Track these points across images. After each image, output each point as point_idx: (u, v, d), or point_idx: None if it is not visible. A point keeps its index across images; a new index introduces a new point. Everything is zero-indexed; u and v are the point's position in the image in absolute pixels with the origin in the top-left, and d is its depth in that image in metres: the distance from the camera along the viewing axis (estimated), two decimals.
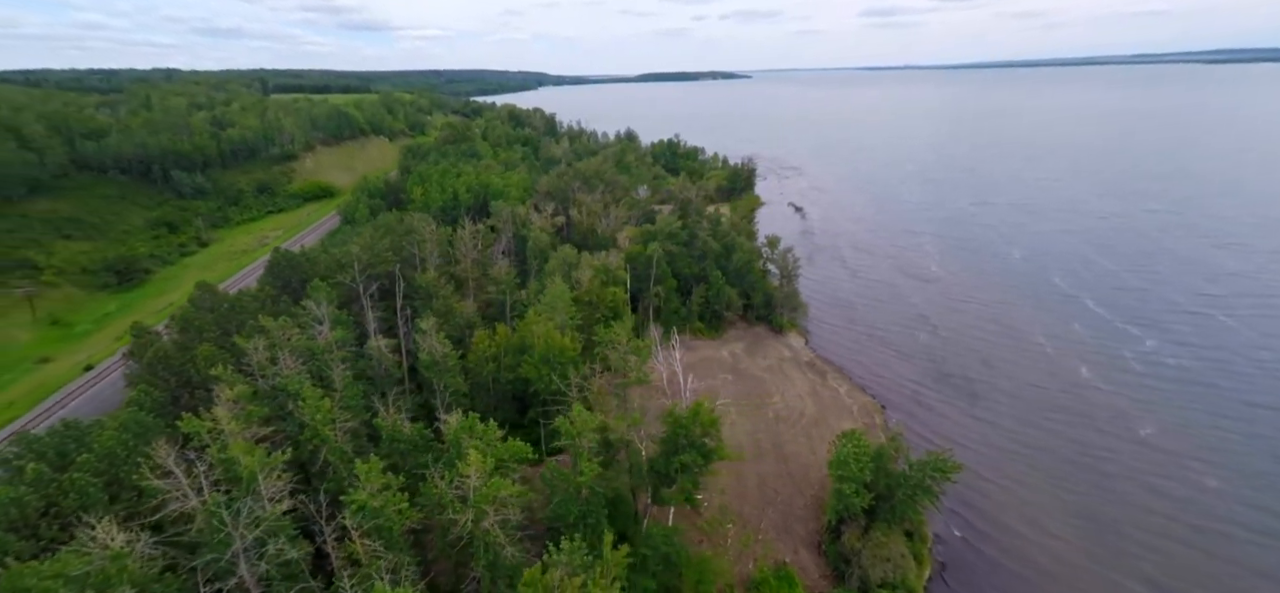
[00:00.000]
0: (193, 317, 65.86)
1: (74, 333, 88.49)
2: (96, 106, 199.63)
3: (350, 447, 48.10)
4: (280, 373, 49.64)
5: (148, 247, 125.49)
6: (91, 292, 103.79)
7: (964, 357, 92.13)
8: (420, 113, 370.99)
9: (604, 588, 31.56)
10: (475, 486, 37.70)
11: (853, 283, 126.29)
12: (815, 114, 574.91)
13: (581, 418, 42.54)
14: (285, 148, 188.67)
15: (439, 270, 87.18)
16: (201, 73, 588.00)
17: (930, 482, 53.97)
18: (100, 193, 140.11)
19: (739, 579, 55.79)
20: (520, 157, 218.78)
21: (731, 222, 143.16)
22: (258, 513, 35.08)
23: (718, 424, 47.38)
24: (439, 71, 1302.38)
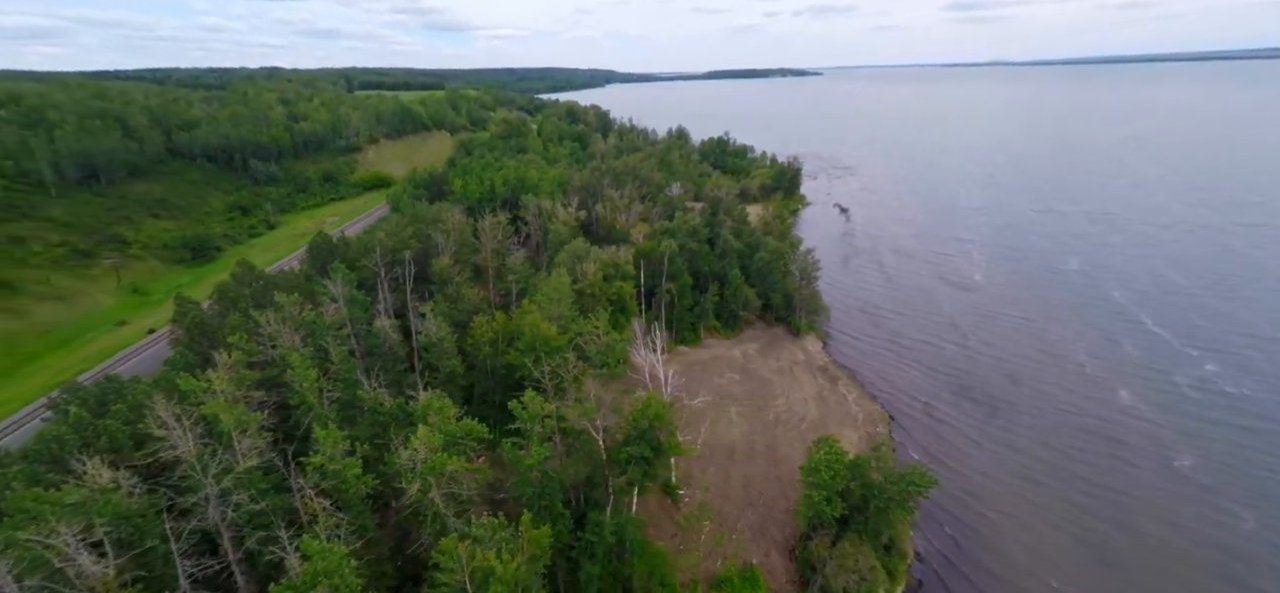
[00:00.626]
0: (231, 290, 73.18)
1: (149, 301, 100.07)
2: (203, 101, 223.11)
3: (337, 416, 52.26)
4: (281, 344, 54.59)
5: (222, 227, 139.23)
6: (169, 265, 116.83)
7: (989, 370, 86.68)
8: (483, 108, 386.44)
9: (513, 563, 33.06)
10: (422, 459, 40.24)
11: (885, 288, 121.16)
12: (884, 113, 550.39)
13: (533, 403, 44.24)
14: (350, 140, 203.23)
15: (459, 259, 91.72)
16: (301, 70, 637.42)
17: (905, 495, 51.86)
18: (188, 178, 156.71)
19: (704, 576, 55.97)
20: (568, 152, 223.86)
21: (764, 221, 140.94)
22: (230, 464, 39.17)
23: (665, 417, 47.63)
24: (512, 69, 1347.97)
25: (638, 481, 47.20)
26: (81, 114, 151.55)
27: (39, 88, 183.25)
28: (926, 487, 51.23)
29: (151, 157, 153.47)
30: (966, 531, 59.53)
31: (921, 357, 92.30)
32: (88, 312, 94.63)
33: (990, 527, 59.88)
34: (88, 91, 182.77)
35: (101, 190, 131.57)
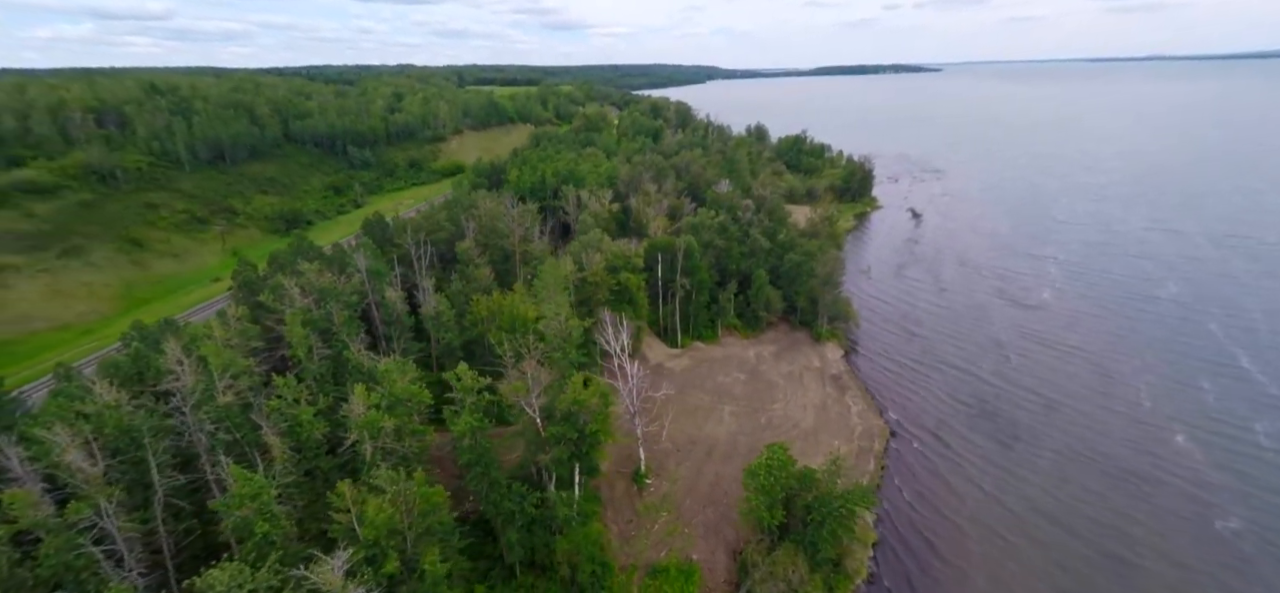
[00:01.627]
0: (283, 256, 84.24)
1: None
2: (334, 94, 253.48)
3: (328, 371, 59.27)
4: (295, 305, 62.67)
5: (316, 204, 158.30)
6: (267, 234, 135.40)
7: (1024, 396, 78.35)
8: (572, 103, 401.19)
9: (388, 511, 36.54)
10: (358, 415, 45.11)
11: (933, 300, 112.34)
12: (1000, 113, 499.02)
13: (466, 376, 47.67)
14: (436, 131, 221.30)
15: (483, 242, 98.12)
16: (424, 67, 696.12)
17: (844, 513, 49.40)
18: (298, 160, 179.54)
19: (646, 564, 56.84)
20: (639, 146, 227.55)
21: (812, 223, 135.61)
22: (212, 395, 46.48)
23: (589, 404, 48.89)
24: (618, 66, 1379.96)
25: (563, 461, 49.15)
26: (219, 104, 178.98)
27: (192, 81, 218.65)
28: (866, 506, 48.43)
29: (270, 141, 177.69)
30: (937, 562, 55.22)
31: (949, 376, 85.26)
32: (195, 268, 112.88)
33: (967, 562, 55.05)
34: (229, 85, 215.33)
35: (225, 169, 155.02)
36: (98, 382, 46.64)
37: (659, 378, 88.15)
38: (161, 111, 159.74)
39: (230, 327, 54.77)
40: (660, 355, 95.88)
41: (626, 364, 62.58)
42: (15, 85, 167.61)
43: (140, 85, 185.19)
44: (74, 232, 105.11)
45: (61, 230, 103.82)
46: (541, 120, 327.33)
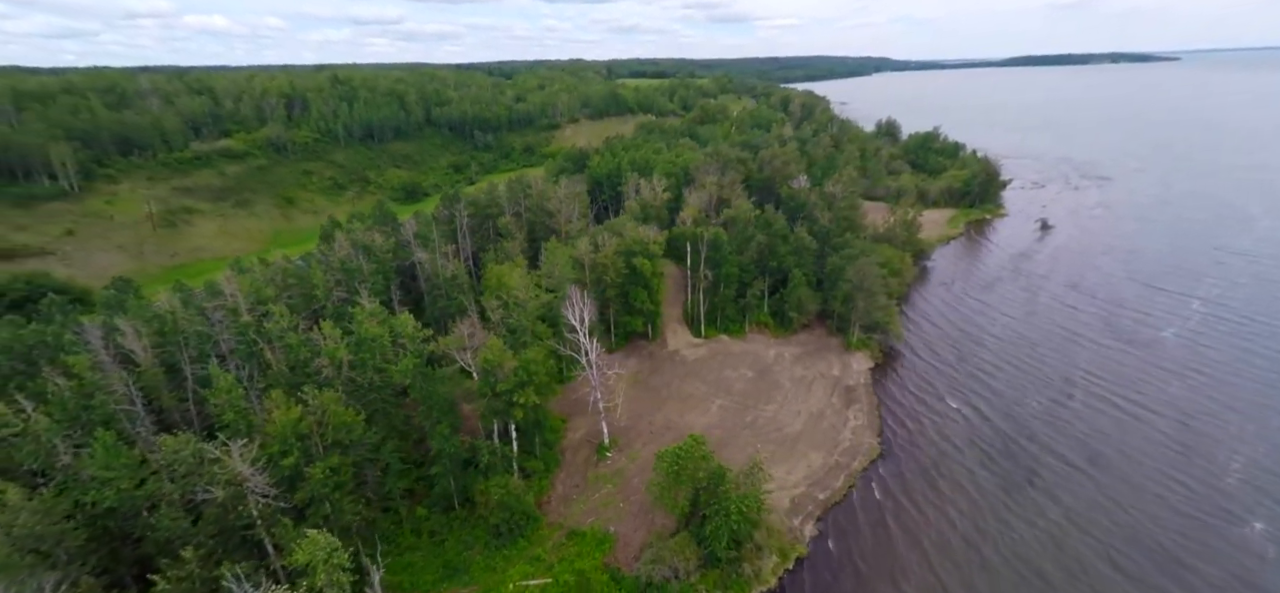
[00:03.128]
0: (364, 218, 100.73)
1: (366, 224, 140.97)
2: (493, 86, 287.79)
3: (337, 312, 71.42)
4: (347, 261, 76.02)
5: (437, 179, 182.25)
6: (393, 201, 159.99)
7: (1064, 444, 66.32)
8: (703, 96, 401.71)
9: (289, 418, 44.73)
10: (321, 345, 54.86)
11: (1015, 322, 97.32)
12: (1221, 112, 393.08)
13: (407, 324, 55.06)
14: (552, 119, 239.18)
15: (535, 220, 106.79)
16: (586, 62, 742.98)
17: (738, 514, 47.95)
18: (431, 141, 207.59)
19: (571, 525, 60.17)
20: (746, 138, 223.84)
21: (888, 227, 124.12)
22: (238, 314, 59.80)
23: (498, 364, 53.02)
24: (778, 58, 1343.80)
25: (488, 414, 54.43)
26: (378, 93, 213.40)
27: (362, 74, 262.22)
28: (749, 511, 46.57)
29: (413, 124, 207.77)
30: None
31: (986, 407, 74.67)
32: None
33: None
34: (391, 78, 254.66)
35: (371, 146, 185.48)
36: (167, 294, 62.44)
37: (666, 364, 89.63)
38: (332, 98, 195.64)
39: (273, 268, 68.91)
40: (680, 343, 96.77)
41: (585, 340, 65.78)
42: (245, 78, 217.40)
43: (327, 78, 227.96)
44: (247, 188, 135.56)
45: (239, 187, 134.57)
46: (664, 112, 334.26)
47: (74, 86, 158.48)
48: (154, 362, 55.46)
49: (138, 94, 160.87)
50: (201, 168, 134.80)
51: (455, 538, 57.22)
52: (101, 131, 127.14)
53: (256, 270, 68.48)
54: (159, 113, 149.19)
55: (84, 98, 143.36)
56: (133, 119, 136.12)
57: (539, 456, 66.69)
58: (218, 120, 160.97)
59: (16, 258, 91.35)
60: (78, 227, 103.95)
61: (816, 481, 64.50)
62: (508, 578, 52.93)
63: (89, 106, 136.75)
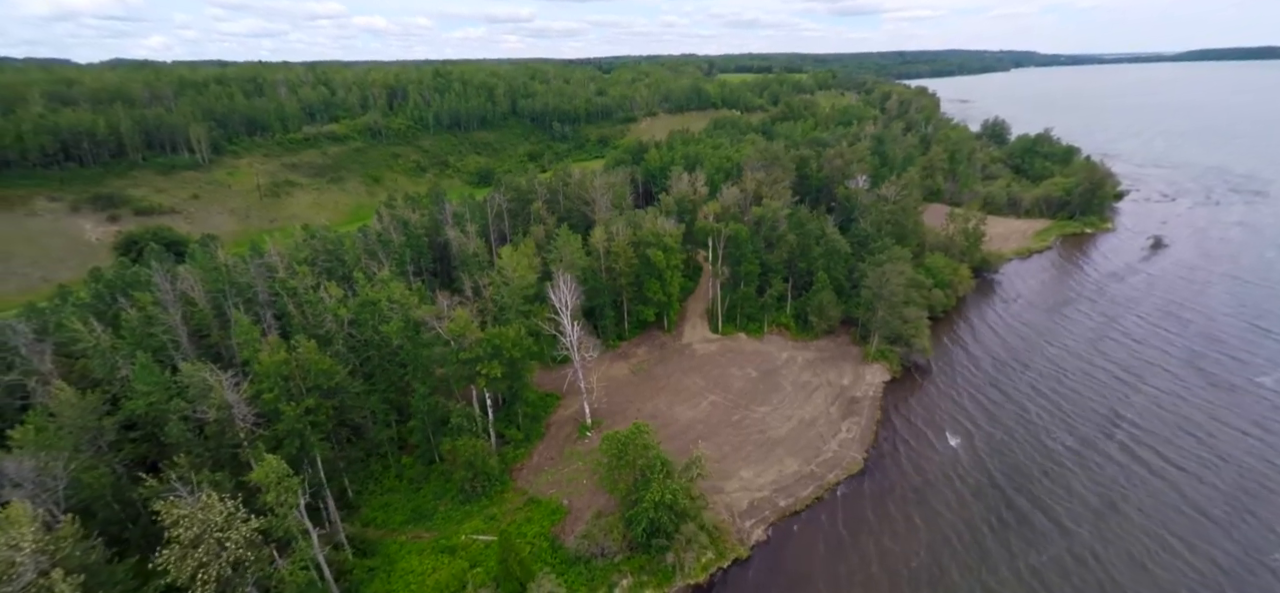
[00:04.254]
0: (422, 199, 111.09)
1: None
2: (579, 81, 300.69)
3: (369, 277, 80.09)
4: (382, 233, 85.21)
5: (511, 166, 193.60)
6: (467, 184, 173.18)
7: (1082, 486, 58.99)
8: (799, 92, 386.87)
9: (275, 359, 51.91)
10: (327, 303, 62.64)
11: (1076, 348, 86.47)
12: None
13: (396, 291, 61.11)
14: (630, 113, 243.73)
15: (572, 207, 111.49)
16: (697, 57, 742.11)
17: (663, 504, 48.59)
18: (513, 131, 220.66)
19: (531, 494, 63.54)
20: (830, 135, 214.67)
21: (948, 236, 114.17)
22: (275, 272, 69.72)
23: (460, 332, 57.11)
24: (903, 52, 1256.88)
25: (454, 378, 59.26)
26: (470, 85, 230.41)
27: (459, 68, 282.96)
28: (675, 503, 46.89)
29: (499, 115, 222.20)
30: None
31: (1001, 437, 67.91)
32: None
33: None
34: (485, 71, 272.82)
35: (458, 133, 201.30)
36: (223, 251, 74.04)
37: (674, 356, 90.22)
38: (429, 90, 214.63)
39: (314, 237, 78.94)
40: (695, 337, 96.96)
41: (567, 323, 68.63)
42: (363, 71, 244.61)
43: (431, 71, 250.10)
44: (343, 167, 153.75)
45: (336, 166, 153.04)
46: (751, 107, 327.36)
47: (225, 77, 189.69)
48: (207, 304, 66.45)
49: (272, 85, 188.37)
50: (308, 148, 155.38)
51: (430, 489, 62.83)
52: (235, 115, 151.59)
53: (297, 236, 79.05)
54: (283, 100, 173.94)
55: (228, 87, 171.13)
56: (261, 105, 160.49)
57: (521, 426, 70.84)
58: (330, 108, 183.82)
59: (153, 214, 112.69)
60: (202, 192, 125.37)
61: (783, 487, 62.66)
62: (462, 530, 57.50)
63: (230, 94, 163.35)
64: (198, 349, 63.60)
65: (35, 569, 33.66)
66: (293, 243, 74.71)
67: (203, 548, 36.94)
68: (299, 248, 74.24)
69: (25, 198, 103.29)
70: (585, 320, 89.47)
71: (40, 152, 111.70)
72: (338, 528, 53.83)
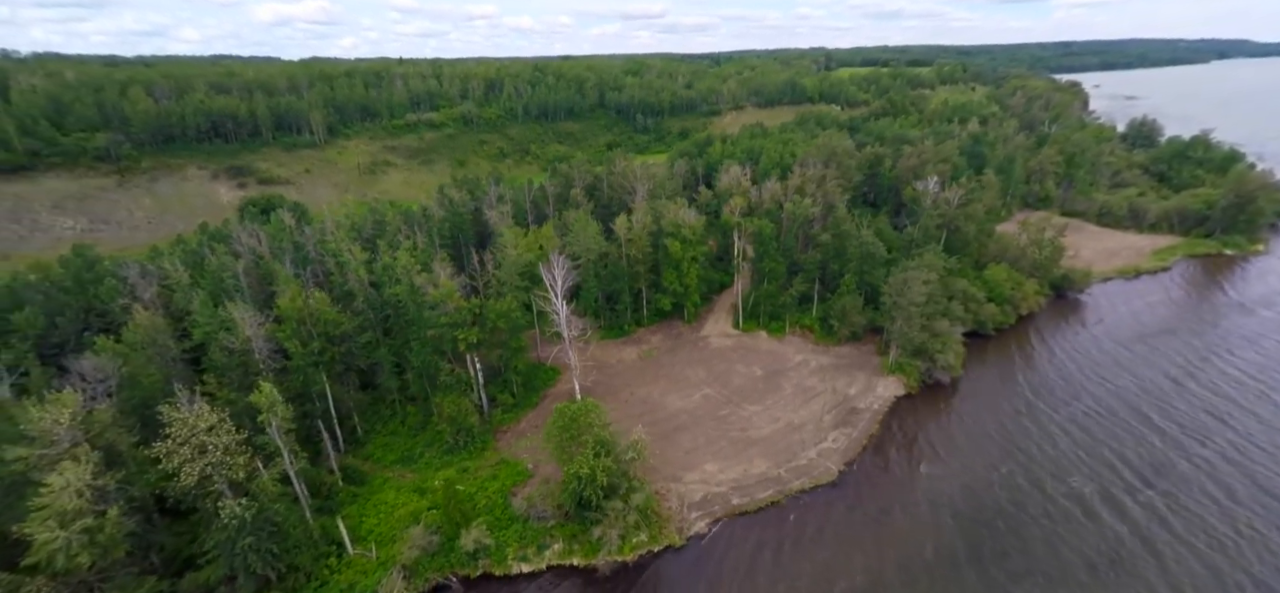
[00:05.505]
0: (473, 184, 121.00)
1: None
2: (721, 76, 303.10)
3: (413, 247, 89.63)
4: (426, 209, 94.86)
5: (589, 155, 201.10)
6: (544, 172, 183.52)
7: (1073, 551, 51.68)
8: (917, 87, 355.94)
9: (308, 316, 60.87)
10: (352, 265, 71.82)
11: (1146, 384, 74.29)
12: None
13: (404, 257, 68.46)
14: (713, 107, 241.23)
15: (613, 196, 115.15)
16: (832, 50, 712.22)
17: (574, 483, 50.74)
18: (599, 122, 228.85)
19: (506, 456, 68.20)
20: (945, 133, 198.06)
21: (1019, 246, 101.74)
22: (324, 239, 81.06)
23: (443, 299, 62.43)
24: (1071, 42, 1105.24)
25: (438, 340, 65.38)
26: (561, 78, 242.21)
27: (557, 63, 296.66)
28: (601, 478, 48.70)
29: (586, 107, 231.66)
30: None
31: (1012, 473, 61.11)
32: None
33: None
34: (581, 66, 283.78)
35: (544, 123, 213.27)
36: (289, 213, 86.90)
37: (686, 347, 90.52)
38: (522, 83, 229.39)
39: (367, 210, 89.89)
40: (715, 330, 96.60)
41: (558, 302, 72.15)
42: (467, 67, 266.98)
43: (528, 66, 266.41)
44: (434, 151, 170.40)
45: (428, 150, 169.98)
46: (853, 102, 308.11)
47: (354, 70, 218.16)
48: (271, 258, 79.09)
49: (391, 77, 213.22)
50: (407, 133, 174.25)
51: (423, 437, 69.84)
52: (351, 103, 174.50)
53: (350, 207, 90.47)
54: (397, 91, 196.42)
55: (352, 79, 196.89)
56: (374, 95, 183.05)
57: (514, 393, 76.04)
58: (433, 98, 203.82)
59: (272, 183, 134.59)
60: (313, 167, 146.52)
61: (742, 486, 61.59)
62: (438, 476, 63.57)
63: (350, 85, 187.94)
64: (257, 295, 75.95)
65: (69, 441, 43.93)
66: (348, 214, 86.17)
67: (188, 446, 45.54)
68: (355, 218, 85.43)
69: (181, 165, 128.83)
70: (601, 303, 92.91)
71: (196, 129, 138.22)
72: (332, 457, 62.35)
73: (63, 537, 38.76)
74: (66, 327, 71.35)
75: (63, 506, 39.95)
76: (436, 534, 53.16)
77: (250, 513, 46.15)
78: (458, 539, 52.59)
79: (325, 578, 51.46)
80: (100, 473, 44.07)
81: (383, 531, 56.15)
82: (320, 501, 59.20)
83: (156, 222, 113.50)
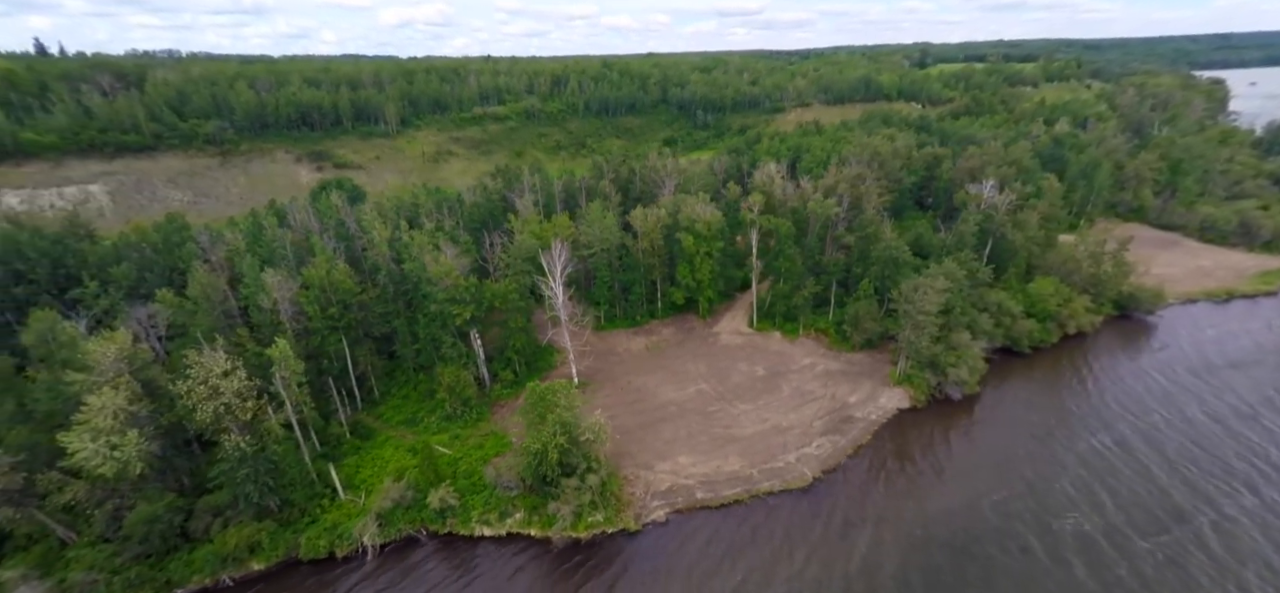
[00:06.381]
0: (512, 172, 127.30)
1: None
2: (789, 73, 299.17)
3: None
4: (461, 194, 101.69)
5: (646, 147, 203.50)
6: None
7: (1059, 589, 47.59)
8: (1011, 83, 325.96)
9: (328, 285, 68.13)
10: (376, 241, 78.87)
11: (1207, 422, 65.95)
12: None
13: (419, 238, 74.23)
14: (777, 103, 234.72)
15: (645, 188, 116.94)
16: (928, 45, 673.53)
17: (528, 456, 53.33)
18: (658, 118, 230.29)
19: (496, 429, 72.36)
20: (1023, 134, 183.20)
21: (1090, 256, 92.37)
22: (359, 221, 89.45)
23: (440, 276, 66.98)
24: (1229, 34, 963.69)
25: (439, 313, 70.47)
26: (626, 74, 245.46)
27: (623, 60, 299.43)
28: (554, 455, 51.02)
29: (648, 103, 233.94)
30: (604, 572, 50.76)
31: (1003, 502, 57.04)
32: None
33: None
34: (648, 63, 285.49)
35: (604, 119, 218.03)
36: (337, 193, 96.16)
37: (695, 342, 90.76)
38: (586, 78, 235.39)
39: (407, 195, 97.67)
40: (729, 328, 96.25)
41: (557, 289, 75.20)
42: (535, 64, 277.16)
43: (596, 63, 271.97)
44: (494, 143, 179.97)
45: (489, 141, 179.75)
46: (937, 100, 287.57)
47: (433, 67, 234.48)
48: (317, 233, 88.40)
49: (465, 73, 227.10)
50: (472, 125, 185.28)
51: (429, 404, 75.60)
52: (425, 96, 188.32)
53: (398, 192, 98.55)
54: (468, 86, 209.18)
55: (428, 75, 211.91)
56: (445, 89, 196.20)
57: (516, 370, 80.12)
58: (500, 93, 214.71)
59: (345, 168, 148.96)
60: (382, 155, 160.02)
61: (710, 481, 61.72)
62: (432, 440, 68.84)
63: (427, 80, 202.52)
64: (299, 265, 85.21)
65: (114, 371, 52.57)
66: (390, 195, 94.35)
67: (204, 387, 52.96)
68: (400, 201, 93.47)
69: (272, 149, 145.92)
70: (617, 292, 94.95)
71: (287, 118, 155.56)
72: (341, 412, 69.35)
73: (91, 449, 46.80)
74: (153, 281, 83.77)
75: (97, 423, 48.13)
76: (411, 490, 57.91)
77: (250, 449, 52.97)
78: (428, 497, 57.05)
79: (316, 516, 57.77)
80: (135, 401, 52.39)
81: (374, 482, 61.83)
82: (327, 449, 66.10)
83: (247, 197, 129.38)
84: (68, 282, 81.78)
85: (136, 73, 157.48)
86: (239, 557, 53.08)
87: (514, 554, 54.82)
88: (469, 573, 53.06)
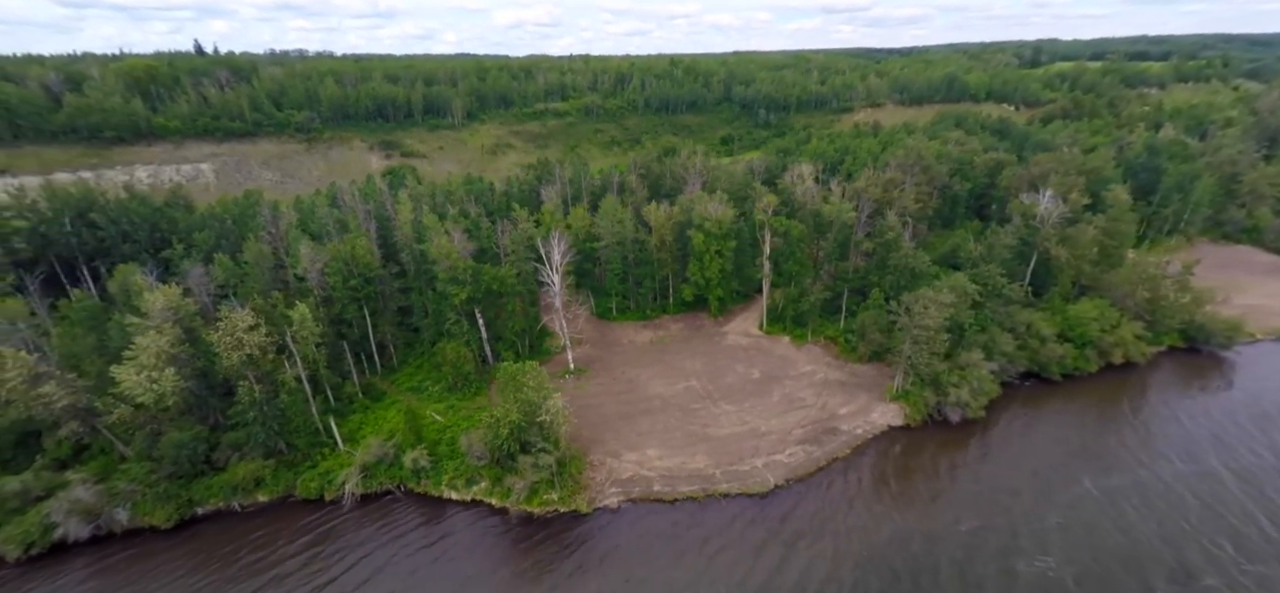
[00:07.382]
0: (547, 166, 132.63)
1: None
2: (860, 72, 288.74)
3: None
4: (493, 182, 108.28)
5: (707, 145, 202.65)
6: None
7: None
8: (1130, 84, 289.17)
9: (346, 257, 75.97)
10: (403, 223, 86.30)
11: (1257, 472, 57.62)
12: None
13: (434, 225, 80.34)
14: (845, 103, 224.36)
15: (674, 185, 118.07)
16: (1056, 41, 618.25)
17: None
18: (719, 115, 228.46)
19: (488, 404, 77.04)
20: (1097, 143, 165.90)
21: (1176, 280, 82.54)
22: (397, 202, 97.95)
23: (440, 256, 72.13)
24: None
25: (443, 293, 76.10)
26: (690, 72, 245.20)
27: (690, 59, 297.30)
28: (511, 432, 54.43)
29: (712, 101, 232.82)
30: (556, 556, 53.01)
31: (978, 532, 53.74)
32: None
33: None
34: (714, 61, 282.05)
35: (663, 115, 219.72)
36: (380, 178, 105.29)
37: (699, 339, 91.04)
38: (649, 76, 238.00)
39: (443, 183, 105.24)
40: (738, 328, 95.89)
41: (555, 278, 78.58)
42: (602, 62, 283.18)
43: (665, 61, 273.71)
44: (552, 137, 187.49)
45: (547, 135, 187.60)
46: (1035, 101, 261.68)
47: (506, 66, 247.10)
48: (361, 215, 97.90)
49: (532, 72, 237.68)
50: (532, 119, 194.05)
51: (437, 375, 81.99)
52: (492, 92, 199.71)
53: (443, 180, 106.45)
54: (536, 83, 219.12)
55: (500, 73, 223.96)
56: (510, 86, 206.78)
57: (518, 351, 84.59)
58: (564, 89, 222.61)
59: (411, 156, 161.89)
60: (446, 145, 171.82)
61: (670, 476, 62.58)
62: (430, 408, 74.80)
63: (498, 77, 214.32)
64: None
65: (161, 319, 62.26)
66: (429, 184, 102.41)
67: (231, 338, 61.37)
68: (443, 187, 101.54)
69: (349, 139, 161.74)
70: (630, 285, 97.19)
71: (365, 110, 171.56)
72: (355, 374, 77.03)
73: (135, 380, 56.07)
74: (227, 247, 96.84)
75: (143, 360, 57.48)
76: (393, 448, 63.65)
77: (262, 396, 60.78)
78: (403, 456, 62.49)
79: (316, 462, 64.96)
80: (176, 345, 61.75)
81: (371, 439, 68.46)
82: (340, 405, 73.78)
83: (325, 179, 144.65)
84: (162, 244, 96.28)
85: (248, 69, 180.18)
86: (247, 488, 61.09)
87: (478, 519, 58.82)
88: (435, 529, 57.70)
